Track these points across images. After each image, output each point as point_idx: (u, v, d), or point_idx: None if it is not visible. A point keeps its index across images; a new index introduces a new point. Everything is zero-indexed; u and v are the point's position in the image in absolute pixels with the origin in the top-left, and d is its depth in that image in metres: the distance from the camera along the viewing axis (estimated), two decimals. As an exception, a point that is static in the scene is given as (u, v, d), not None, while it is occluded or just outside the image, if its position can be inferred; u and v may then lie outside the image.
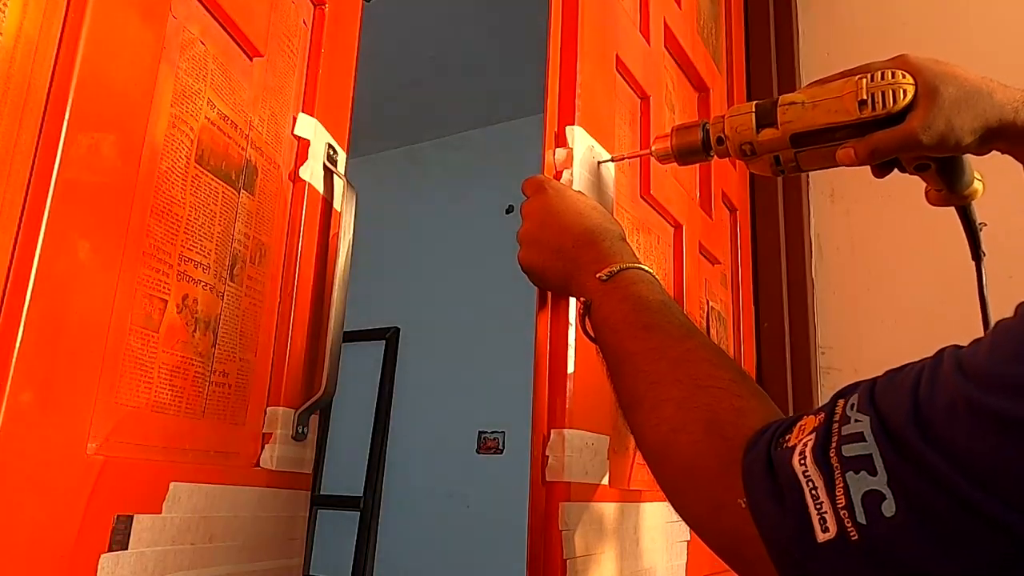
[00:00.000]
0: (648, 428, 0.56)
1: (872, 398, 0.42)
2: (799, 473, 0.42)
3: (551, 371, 0.81)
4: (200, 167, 0.58)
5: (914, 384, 0.41)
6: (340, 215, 0.73)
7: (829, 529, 0.40)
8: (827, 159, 0.68)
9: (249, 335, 0.63)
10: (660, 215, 1.10)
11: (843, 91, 0.65)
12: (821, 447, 0.42)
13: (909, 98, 0.62)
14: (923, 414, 0.39)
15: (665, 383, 0.57)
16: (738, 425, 0.51)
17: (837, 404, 0.44)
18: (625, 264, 0.67)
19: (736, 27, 1.57)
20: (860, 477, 0.40)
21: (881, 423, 0.41)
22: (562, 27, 0.89)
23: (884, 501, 0.39)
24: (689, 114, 1.28)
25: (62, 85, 0.46)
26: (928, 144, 0.63)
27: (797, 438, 0.44)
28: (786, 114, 0.67)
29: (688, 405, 0.54)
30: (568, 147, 0.84)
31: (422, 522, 3.17)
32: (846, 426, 0.42)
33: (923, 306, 1.38)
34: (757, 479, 0.45)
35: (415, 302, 3.41)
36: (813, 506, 0.41)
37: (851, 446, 0.41)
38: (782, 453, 0.44)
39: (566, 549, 0.75)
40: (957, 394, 0.38)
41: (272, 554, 0.63)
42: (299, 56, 0.71)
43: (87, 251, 0.47)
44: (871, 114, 0.63)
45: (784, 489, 0.43)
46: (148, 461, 0.53)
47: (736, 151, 0.71)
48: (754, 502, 0.45)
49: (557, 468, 0.77)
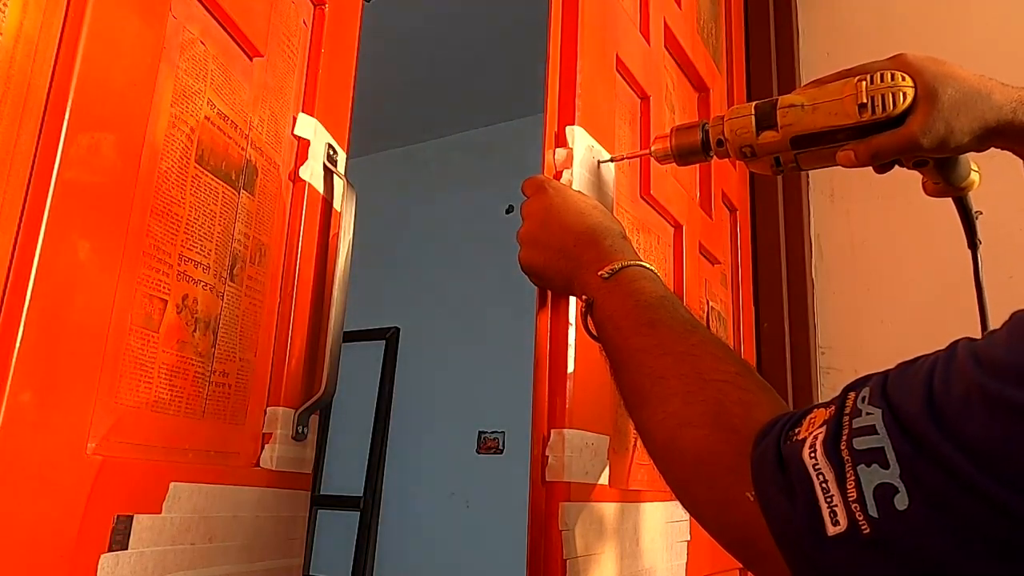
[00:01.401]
0: (654, 424, 0.56)
1: (884, 391, 0.42)
2: (809, 466, 0.42)
3: (551, 371, 0.80)
4: (200, 167, 0.58)
5: (927, 376, 0.41)
6: (340, 215, 0.73)
7: (840, 522, 0.40)
8: (827, 159, 0.69)
9: (249, 335, 0.63)
10: (660, 215, 1.10)
11: (843, 93, 0.65)
12: (832, 440, 0.42)
13: (909, 101, 0.63)
14: (938, 405, 0.39)
15: (670, 378, 0.56)
16: (746, 418, 0.50)
17: (848, 397, 0.44)
18: (627, 262, 0.66)
19: (736, 27, 1.57)
20: (872, 470, 0.39)
21: (893, 415, 0.40)
22: (562, 27, 0.89)
23: (897, 494, 0.38)
24: (689, 114, 1.28)
25: (62, 85, 0.46)
26: (928, 147, 0.63)
27: (807, 431, 0.44)
28: (786, 117, 0.68)
29: (694, 399, 0.54)
30: (568, 147, 0.84)
31: (422, 522, 3.17)
32: (857, 419, 0.42)
33: (923, 306, 1.38)
34: (766, 473, 0.45)
35: (416, 302, 3.41)
36: (824, 499, 0.41)
37: (863, 439, 0.40)
38: (792, 446, 0.44)
39: (566, 549, 0.75)
40: (973, 385, 0.38)
41: (272, 554, 0.63)
42: (299, 56, 0.71)
43: (87, 251, 0.47)
44: (871, 118, 0.64)
45: (794, 482, 0.42)
46: (148, 461, 0.53)
47: (736, 153, 0.71)
48: (763, 496, 0.45)
49: (557, 468, 0.77)
